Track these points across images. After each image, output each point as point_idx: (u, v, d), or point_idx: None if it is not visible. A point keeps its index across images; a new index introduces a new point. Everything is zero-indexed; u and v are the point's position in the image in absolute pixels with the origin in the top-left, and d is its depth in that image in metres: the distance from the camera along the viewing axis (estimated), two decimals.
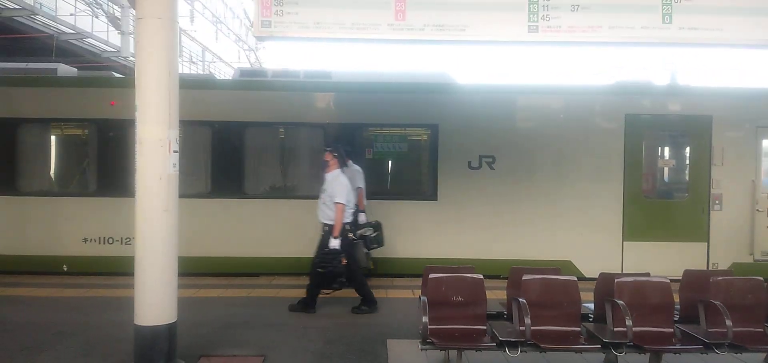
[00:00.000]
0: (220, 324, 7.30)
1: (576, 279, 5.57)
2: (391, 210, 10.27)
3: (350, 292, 9.08)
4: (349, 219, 7.87)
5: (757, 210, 10.31)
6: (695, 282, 5.86)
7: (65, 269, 10.03)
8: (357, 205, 8.81)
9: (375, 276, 10.11)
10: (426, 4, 5.49)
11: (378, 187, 10.63)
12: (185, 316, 7.28)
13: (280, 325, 7.30)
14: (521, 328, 5.27)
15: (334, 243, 7.57)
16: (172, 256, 5.50)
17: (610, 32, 5.47)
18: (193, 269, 9.88)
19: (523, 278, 5.50)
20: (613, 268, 9.94)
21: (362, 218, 8.96)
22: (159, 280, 5.42)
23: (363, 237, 8.64)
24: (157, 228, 5.37)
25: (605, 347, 5.16)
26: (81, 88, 10.21)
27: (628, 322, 5.13)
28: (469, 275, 5.55)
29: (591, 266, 9.74)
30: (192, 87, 10.23)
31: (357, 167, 9.18)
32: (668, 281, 5.59)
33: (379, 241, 9.08)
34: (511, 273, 6.04)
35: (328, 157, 7.96)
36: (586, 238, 10.24)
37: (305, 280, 9.74)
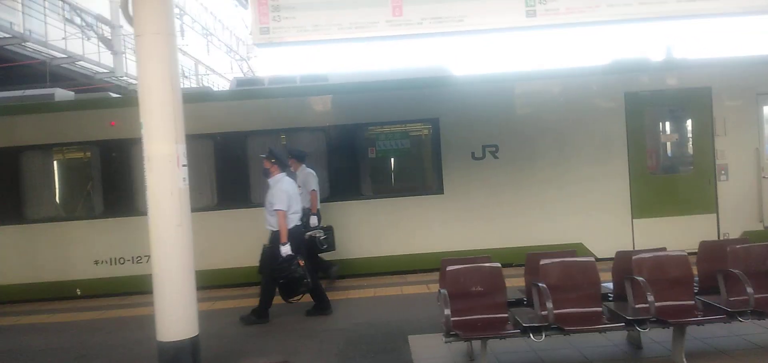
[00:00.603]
0: (239, 334, 7.30)
1: (594, 260, 5.57)
2: (399, 207, 10.29)
3: (365, 292, 9.12)
4: (293, 223, 7.64)
5: (764, 177, 10.32)
6: (712, 253, 5.87)
7: (79, 293, 10.02)
8: (309, 209, 8.87)
9: (388, 274, 10.15)
10: None
11: (383, 186, 10.67)
12: (205, 328, 7.28)
13: (299, 331, 7.30)
14: (543, 312, 5.27)
15: (285, 249, 7.39)
16: (189, 270, 5.50)
17: (608, 10, 5.47)
18: (205, 282, 9.89)
19: (541, 263, 5.49)
20: (624, 246, 9.90)
21: (313, 221, 8.98)
22: (178, 295, 5.43)
23: (312, 239, 8.68)
24: (171, 243, 5.37)
25: (629, 325, 5.15)
26: (80, 111, 10.19)
27: (650, 298, 5.12)
28: (486, 265, 5.54)
29: (602, 247, 9.77)
30: (189, 101, 10.22)
31: (310, 170, 9.21)
32: (686, 254, 5.59)
33: (329, 244, 9.11)
34: (528, 259, 6.04)
35: (267, 164, 7.76)
36: (595, 219, 10.24)
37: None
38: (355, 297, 8.90)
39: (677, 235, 9.76)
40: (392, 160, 10.63)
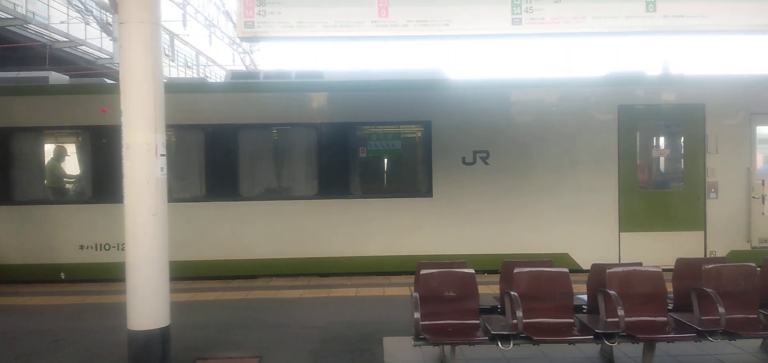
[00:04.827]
0: (217, 327, 7.30)
1: (567, 270, 5.56)
2: (387, 208, 10.30)
3: (347, 291, 9.14)
4: None
5: (754, 197, 10.30)
6: (688, 270, 5.85)
7: (63, 277, 10.04)
8: None
9: (373, 275, 10.16)
10: (409, 0, 5.49)
11: (373, 186, 10.67)
12: (182, 319, 7.31)
13: (278, 327, 7.30)
14: (514, 321, 5.26)
15: None
16: (163, 260, 5.50)
17: (594, 22, 5.46)
18: (191, 273, 9.91)
19: (514, 271, 5.49)
20: (611, 259, 9.95)
21: None
22: (150, 284, 5.43)
23: None
24: (146, 232, 5.38)
25: (597, 338, 5.14)
26: (73, 96, 10.20)
27: (620, 312, 5.12)
28: (460, 270, 5.53)
29: (588, 258, 9.64)
30: (183, 91, 10.26)
31: None
32: (660, 270, 5.58)
33: None
34: (503, 266, 6.04)
35: None
36: (583, 231, 10.24)
37: (303, 281, 9.88)
38: (337, 296, 8.90)
39: (664, 250, 9.75)
40: (383, 160, 10.62)
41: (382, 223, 10.26)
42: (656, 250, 9.77)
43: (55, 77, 10.62)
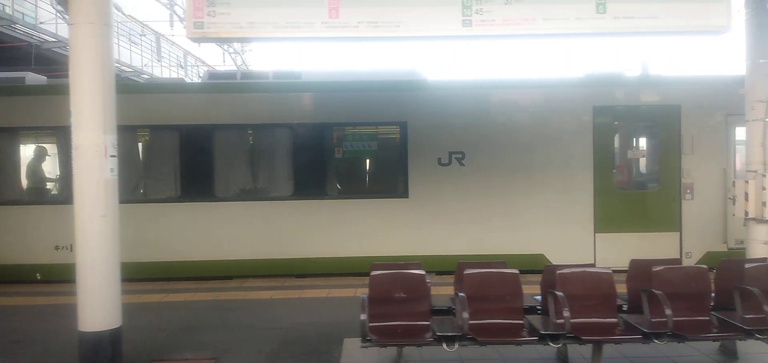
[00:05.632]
0: (180, 328, 7.30)
1: (517, 271, 5.55)
2: (364, 209, 10.29)
3: (319, 292, 9.14)
4: None
5: (730, 198, 10.25)
6: (641, 272, 5.83)
7: (38, 278, 10.05)
8: None
9: (349, 275, 10.15)
10: (359, 1, 5.48)
11: (349, 187, 10.67)
12: (146, 320, 7.35)
13: (241, 328, 7.30)
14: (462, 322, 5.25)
15: None
16: (113, 262, 5.51)
17: (544, 24, 5.44)
18: (164, 274, 9.93)
19: (464, 272, 5.48)
20: (586, 260, 9.92)
21: None
22: (100, 286, 5.44)
23: None
24: (95, 233, 5.39)
25: (542, 339, 5.13)
26: (48, 96, 10.20)
27: (566, 313, 5.10)
28: (411, 271, 5.53)
29: (564, 259, 9.71)
30: (159, 91, 10.27)
31: None
32: (610, 272, 5.57)
33: None
34: (458, 267, 6.03)
35: None
36: (558, 231, 10.23)
37: (278, 282, 9.88)
38: (308, 297, 8.90)
39: (639, 251, 9.65)
40: (359, 161, 10.63)
41: (358, 223, 10.26)
42: (631, 251, 9.63)
43: (32, 78, 10.63)
